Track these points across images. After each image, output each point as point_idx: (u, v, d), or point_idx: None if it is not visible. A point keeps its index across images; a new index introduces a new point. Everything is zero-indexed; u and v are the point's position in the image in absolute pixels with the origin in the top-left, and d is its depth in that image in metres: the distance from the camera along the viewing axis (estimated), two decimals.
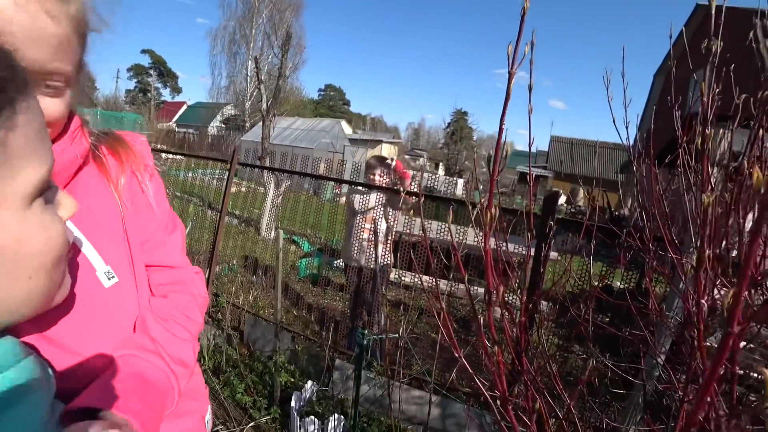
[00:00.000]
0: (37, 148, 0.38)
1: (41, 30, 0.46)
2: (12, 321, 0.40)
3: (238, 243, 5.43)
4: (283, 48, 9.32)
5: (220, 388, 2.55)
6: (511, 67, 0.37)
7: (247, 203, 7.79)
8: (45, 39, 0.47)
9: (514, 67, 0.37)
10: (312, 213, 4.42)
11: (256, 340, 3.14)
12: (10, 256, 0.37)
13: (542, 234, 2.19)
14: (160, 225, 0.70)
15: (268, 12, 26.14)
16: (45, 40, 0.47)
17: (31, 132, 0.38)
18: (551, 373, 0.96)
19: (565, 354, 2.51)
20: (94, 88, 41.21)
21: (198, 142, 24.26)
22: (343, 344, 3.18)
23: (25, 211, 0.38)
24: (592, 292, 1.07)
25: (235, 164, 3.71)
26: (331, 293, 4.33)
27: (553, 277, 1.25)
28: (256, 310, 3.54)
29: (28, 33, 0.45)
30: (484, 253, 0.49)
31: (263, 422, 2.34)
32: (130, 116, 19.33)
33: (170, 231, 0.73)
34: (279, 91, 9.33)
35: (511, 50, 0.36)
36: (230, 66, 27.81)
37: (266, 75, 20.17)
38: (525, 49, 0.37)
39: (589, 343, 0.99)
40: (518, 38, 0.36)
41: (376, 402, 2.48)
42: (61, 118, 0.54)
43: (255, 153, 7.38)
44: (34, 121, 0.38)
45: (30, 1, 0.45)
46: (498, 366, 0.51)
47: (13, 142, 0.36)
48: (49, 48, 0.47)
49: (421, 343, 3.34)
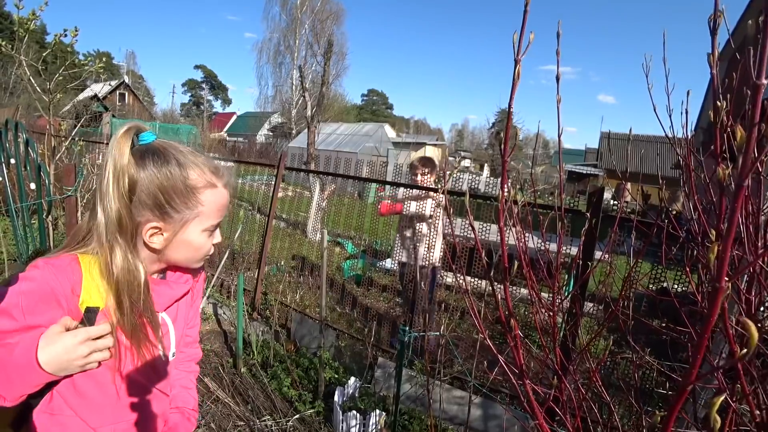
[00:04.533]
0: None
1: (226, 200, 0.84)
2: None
3: (285, 245, 5.64)
4: (325, 56, 9.57)
5: (267, 382, 2.67)
6: (516, 54, 0.38)
7: (294, 206, 8.05)
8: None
9: (519, 54, 0.38)
10: (355, 215, 4.51)
11: (303, 337, 3.24)
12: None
13: (589, 232, 2.12)
14: (198, 312, 1.04)
15: (310, 22, 26.87)
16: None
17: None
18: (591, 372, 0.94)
19: (615, 359, 2.40)
20: (153, 103, 44.23)
21: (247, 149, 25.34)
22: (387, 342, 3.22)
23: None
24: (645, 293, 1.03)
25: (282, 169, 3.87)
26: (374, 293, 4.39)
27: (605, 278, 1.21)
28: (302, 308, 3.66)
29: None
30: (500, 242, 0.51)
31: (308, 415, 2.42)
32: (185, 128, 20.54)
33: (197, 315, 1.05)
34: (323, 98, 9.59)
35: (516, 38, 0.37)
36: (276, 76, 28.83)
37: (310, 83, 20.74)
38: (530, 37, 0.39)
39: (631, 342, 0.96)
40: (522, 28, 0.38)
41: (417, 400, 2.49)
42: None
43: (301, 158, 7.65)
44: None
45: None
46: (516, 340, 0.52)
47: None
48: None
49: (464, 344, 3.31)
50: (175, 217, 0.76)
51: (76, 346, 0.69)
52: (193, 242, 0.80)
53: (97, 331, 0.72)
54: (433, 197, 3.11)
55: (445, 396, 2.42)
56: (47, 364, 0.68)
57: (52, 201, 2.59)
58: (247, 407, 2.48)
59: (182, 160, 0.76)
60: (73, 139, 3.83)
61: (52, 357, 0.68)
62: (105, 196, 0.72)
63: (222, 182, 0.81)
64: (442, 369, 2.41)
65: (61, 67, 3.27)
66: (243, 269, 4.31)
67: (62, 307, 0.71)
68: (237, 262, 4.57)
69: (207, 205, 0.78)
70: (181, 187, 0.75)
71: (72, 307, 0.72)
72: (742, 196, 0.27)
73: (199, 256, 0.83)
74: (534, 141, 54.67)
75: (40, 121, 11.13)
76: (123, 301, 0.73)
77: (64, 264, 0.73)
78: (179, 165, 0.76)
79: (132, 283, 0.74)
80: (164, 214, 0.75)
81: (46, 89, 3.22)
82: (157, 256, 0.81)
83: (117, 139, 0.73)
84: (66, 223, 2.50)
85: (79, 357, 0.70)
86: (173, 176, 0.75)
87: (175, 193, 0.75)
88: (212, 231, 0.82)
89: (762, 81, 0.26)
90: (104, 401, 0.78)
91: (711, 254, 0.29)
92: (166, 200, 0.75)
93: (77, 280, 0.73)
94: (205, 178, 0.78)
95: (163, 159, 0.75)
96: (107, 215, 0.72)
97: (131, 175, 0.72)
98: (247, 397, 2.56)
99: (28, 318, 0.68)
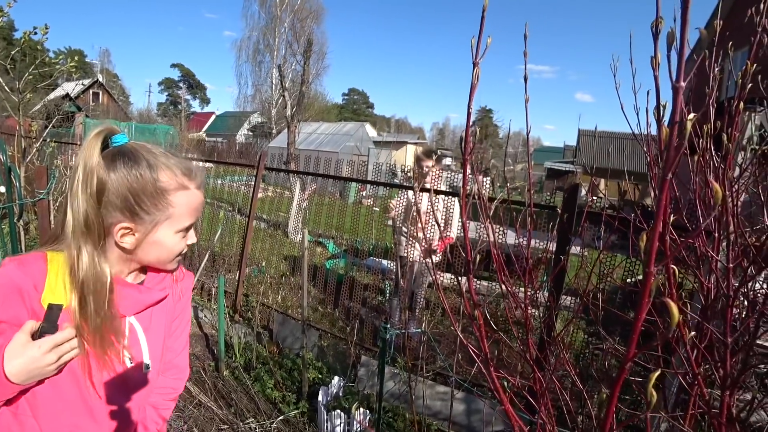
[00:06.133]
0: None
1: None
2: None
3: (266, 246, 5.59)
4: (305, 55, 9.51)
5: (250, 384, 2.65)
6: (475, 57, 0.40)
7: (274, 207, 7.99)
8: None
9: (477, 57, 0.40)
10: (336, 215, 4.50)
11: (285, 338, 3.23)
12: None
13: (563, 228, 2.17)
14: (185, 327, 1.01)
15: (289, 21, 26.63)
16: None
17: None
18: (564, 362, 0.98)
19: (593, 350, 2.47)
20: (128, 103, 43.15)
21: (227, 150, 24.97)
22: (369, 341, 3.23)
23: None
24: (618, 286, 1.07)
25: (262, 169, 3.84)
26: (357, 292, 4.40)
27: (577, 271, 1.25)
28: (284, 309, 3.64)
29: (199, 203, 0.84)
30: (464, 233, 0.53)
31: (292, 416, 2.42)
32: (162, 128, 20.12)
33: (184, 330, 1.01)
34: (303, 98, 9.53)
35: (474, 42, 0.39)
36: (255, 75, 28.48)
37: (290, 82, 20.58)
38: (488, 41, 0.41)
39: (602, 332, 1.00)
40: (480, 31, 0.39)
41: (401, 397, 2.52)
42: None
43: (281, 158, 7.59)
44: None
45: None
46: (480, 330, 0.54)
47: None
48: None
49: (446, 340, 3.35)
50: (146, 219, 0.76)
51: (44, 356, 0.69)
52: (165, 243, 0.80)
53: (63, 337, 0.71)
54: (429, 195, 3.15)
55: (428, 392, 2.45)
56: (15, 376, 0.68)
57: (23, 205, 2.52)
58: (231, 410, 2.46)
59: (153, 162, 0.76)
60: (44, 140, 3.71)
61: (19, 369, 0.68)
62: (74, 198, 0.72)
63: (195, 184, 0.81)
64: (424, 365, 2.44)
65: (31, 65, 3.17)
66: (224, 271, 4.26)
67: (25, 303, 0.71)
68: (217, 264, 4.51)
69: (178, 207, 0.79)
70: (151, 189, 0.75)
71: (34, 304, 0.72)
72: (666, 189, 0.29)
73: (171, 257, 0.83)
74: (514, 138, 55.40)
75: (8, 121, 10.74)
76: (87, 301, 0.73)
77: (29, 261, 0.74)
78: (150, 167, 0.76)
79: (96, 284, 0.74)
80: (134, 215, 0.75)
81: (15, 88, 3.11)
82: (129, 256, 0.80)
83: (88, 140, 0.73)
84: (38, 227, 2.43)
85: (48, 364, 0.70)
86: (143, 178, 0.75)
87: (145, 195, 0.75)
88: (185, 232, 0.83)
89: (681, 84, 0.29)
90: (60, 406, 0.76)
91: (641, 242, 0.32)
92: (136, 202, 0.75)
93: (40, 276, 0.73)
94: (177, 180, 0.78)
95: (134, 161, 0.75)
96: (75, 216, 0.72)
97: (101, 176, 0.73)
98: (230, 401, 2.54)
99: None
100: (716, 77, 0.89)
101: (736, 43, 1.15)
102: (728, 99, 1.22)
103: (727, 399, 0.73)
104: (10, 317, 0.70)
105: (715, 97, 1.03)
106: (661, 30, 0.33)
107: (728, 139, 0.78)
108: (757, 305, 0.94)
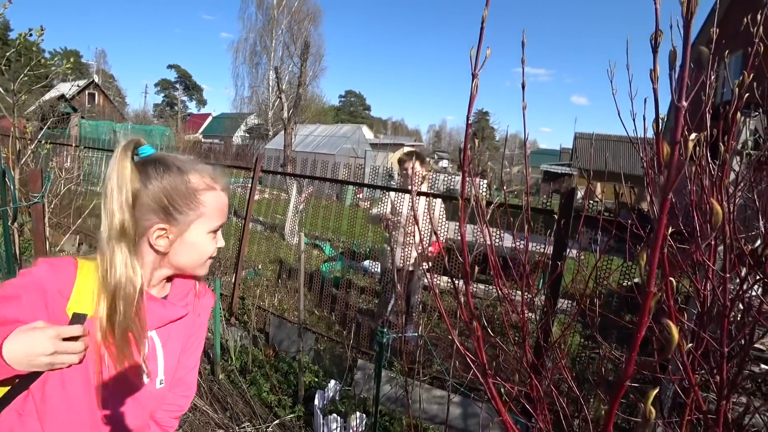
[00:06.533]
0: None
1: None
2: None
3: (263, 248, 5.57)
4: (301, 57, 9.51)
5: (246, 387, 2.64)
6: (474, 69, 0.40)
7: (271, 209, 7.97)
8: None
9: (477, 69, 0.40)
10: (333, 218, 4.50)
11: (281, 341, 3.22)
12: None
13: (560, 233, 2.17)
14: (200, 344, 1.02)
15: (286, 23, 26.66)
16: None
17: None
18: (561, 368, 0.98)
19: (589, 354, 2.48)
20: (125, 104, 42.97)
21: (223, 152, 24.90)
22: (366, 344, 3.22)
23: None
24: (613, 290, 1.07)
25: (258, 172, 3.83)
26: (353, 295, 4.39)
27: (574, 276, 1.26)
28: (281, 312, 3.63)
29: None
30: (461, 239, 0.53)
31: (288, 420, 2.41)
32: (158, 129, 20.03)
33: (198, 348, 1.03)
34: (299, 100, 9.53)
35: (473, 53, 0.39)
36: (252, 77, 28.49)
37: (287, 84, 20.57)
38: (487, 53, 0.41)
39: (598, 337, 1.00)
40: (479, 43, 0.40)
41: (398, 401, 2.51)
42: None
43: (278, 160, 7.58)
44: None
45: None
46: (479, 341, 0.54)
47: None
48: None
49: (442, 343, 3.35)
50: (180, 219, 0.81)
51: (42, 341, 0.65)
52: (197, 244, 0.83)
53: (69, 331, 0.68)
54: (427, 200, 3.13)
55: (424, 396, 2.45)
56: (9, 354, 0.64)
57: (17, 208, 2.50)
58: (226, 414, 2.45)
59: (182, 166, 0.82)
60: (39, 141, 3.69)
61: (15, 347, 0.65)
62: (109, 208, 0.76)
63: (220, 186, 0.86)
64: (421, 369, 2.44)
65: (26, 65, 3.15)
66: (220, 274, 4.25)
67: (47, 307, 0.71)
68: (213, 267, 4.50)
69: (208, 206, 0.83)
70: (183, 190, 0.80)
71: (56, 309, 0.72)
72: (666, 208, 0.29)
73: (202, 259, 0.86)
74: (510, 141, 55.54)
75: (2, 122, 10.67)
76: (117, 306, 0.75)
77: (60, 265, 0.76)
78: (180, 170, 0.81)
79: (127, 288, 0.76)
80: (169, 216, 0.80)
81: (10, 89, 3.09)
82: (162, 260, 0.83)
83: (118, 152, 0.78)
84: (33, 230, 2.42)
85: (41, 353, 0.65)
86: (176, 181, 0.80)
87: (178, 196, 0.80)
88: (215, 233, 0.86)
89: (682, 103, 0.29)
90: (68, 415, 0.76)
91: (641, 260, 0.32)
92: (170, 203, 0.79)
93: (68, 282, 0.75)
94: (205, 181, 0.83)
95: (165, 166, 0.80)
96: (110, 223, 0.76)
97: (134, 185, 0.77)
98: (225, 404, 2.52)
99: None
100: (713, 85, 0.89)
101: (730, 46, 1.16)
102: (723, 103, 1.22)
103: (723, 406, 0.73)
104: (28, 318, 0.69)
105: (711, 102, 1.04)
106: (660, 43, 0.33)
107: (725, 149, 0.79)
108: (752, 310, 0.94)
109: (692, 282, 0.92)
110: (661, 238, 0.31)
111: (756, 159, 1.21)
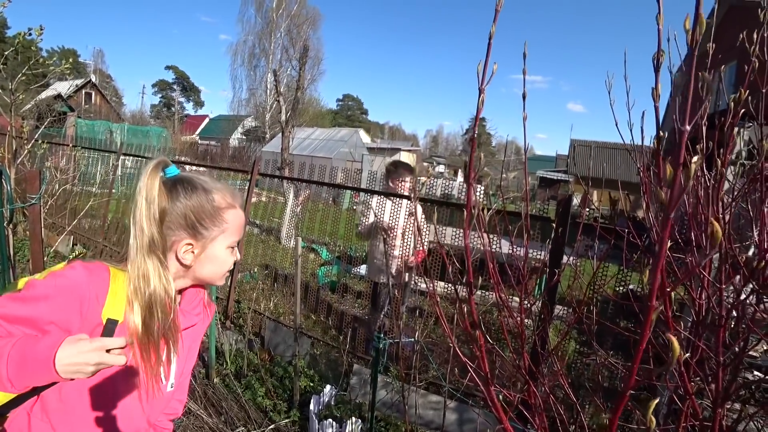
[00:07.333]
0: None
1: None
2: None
3: (259, 251, 5.56)
4: (300, 61, 9.54)
5: (241, 392, 2.63)
6: (480, 84, 0.41)
7: (268, 213, 7.96)
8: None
9: (483, 84, 0.41)
10: (330, 221, 4.50)
11: (277, 345, 3.21)
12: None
13: (557, 241, 2.19)
14: (197, 351, 1.06)
15: (285, 26, 26.73)
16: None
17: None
18: (558, 375, 0.99)
19: (585, 361, 2.49)
20: (121, 104, 42.82)
21: (220, 153, 24.84)
22: (362, 349, 3.22)
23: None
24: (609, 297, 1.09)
25: (256, 174, 3.84)
26: (349, 300, 4.39)
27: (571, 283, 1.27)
28: (276, 316, 3.62)
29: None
30: (464, 249, 0.54)
31: (283, 425, 2.40)
32: (155, 130, 19.96)
33: (196, 354, 1.08)
34: (297, 103, 9.54)
35: (480, 68, 0.40)
36: (250, 79, 28.50)
37: (285, 87, 20.58)
38: (494, 68, 0.42)
39: (594, 344, 1.01)
40: (486, 59, 0.41)
41: (394, 406, 2.51)
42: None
43: (275, 163, 7.58)
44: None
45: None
46: (481, 350, 0.55)
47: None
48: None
49: (439, 349, 3.35)
50: (205, 234, 0.88)
51: (89, 353, 0.68)
52: (219, 257, 0.91)
53: (114, 344, 0.71)
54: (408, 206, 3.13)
55: (420, 401, 2.44)
56: (59, 362, 0.68)
57: (13, 209, 2.48)
58: (221, 419, 2.43)
59: (206, 186, 0.90)
60: (36, 141, 3.67)
61: (65, 356, 0.68)
62: (138, 222, 0.81)
63: (239, 204, 0.94)
64: (417, 374, 2.44)
65: (24, 64, 3.14)
66: None
67: (82, 310, 0.75)
68: None
69: (230, 223, 0.91)
70: (209, 208, 0.88)
71: (91, 313, 0.76)
72: (669, 227, 0.30)
73: (222, 271, 0.93)
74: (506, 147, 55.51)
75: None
76: (154, 313, 0.80)
77: (96, 270, 0.80)
78: (205, 190, 0.89)
79: (164, 296, 0.82)
80: (196, 232, 0.87)
81: (7, 88, 3.08)
82: (186, 272, 0.90)
83: (147, 173, 0.84)
84: (29, 232, 2.40)
85: (87, 364, 0.69)
86: (201, 200, 0.88)
87: (204, 214, 0.87)
88: (233, 248, 0.94)
89: (686, 127, 0.30)
90: (84, 414, 0.79)
91: (643, 276, 0.33)
92: (197, 220, 0.87)
93: (103, 288, 0.79)
94: (226, 200, 0.91)
95: (192, 186, 0.88)
96: (141, 237, 0.81)
97: (162, 203, 0.83)
98: (220, 408, 2.51)
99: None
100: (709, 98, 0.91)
101: (725, 57, 1.18)
102: (718, 113, 1.24)
103: (718, 414, 0.74)
104: (62, 320, 0.74)
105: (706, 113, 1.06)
106: (662, 63, 0.34)
107: (722, 163, 0.80)
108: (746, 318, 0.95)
109: (688, 291, 0.94)
110: (662, 258, 0.32)
111: (750, 169, 1.23)
